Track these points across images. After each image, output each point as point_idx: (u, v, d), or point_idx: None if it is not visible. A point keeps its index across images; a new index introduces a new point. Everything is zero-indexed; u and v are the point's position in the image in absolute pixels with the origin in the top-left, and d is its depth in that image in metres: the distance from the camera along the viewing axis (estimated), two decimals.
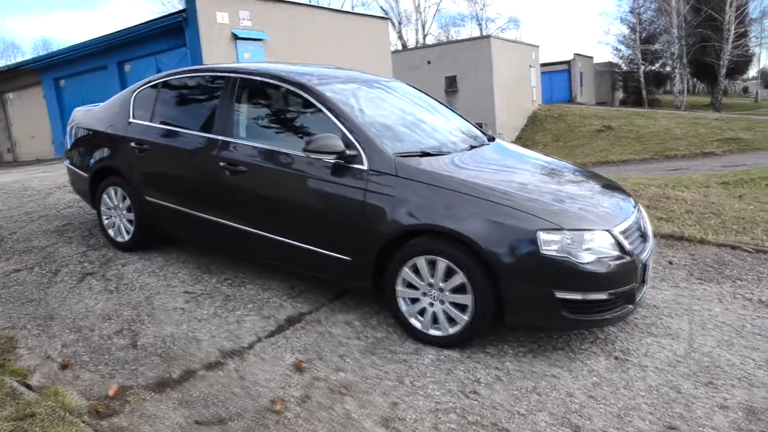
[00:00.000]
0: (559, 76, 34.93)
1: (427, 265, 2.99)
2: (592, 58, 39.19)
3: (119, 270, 4.12)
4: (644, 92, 35.37)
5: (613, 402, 2.62)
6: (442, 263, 2.94)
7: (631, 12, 38.49)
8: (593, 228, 2.86)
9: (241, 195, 3.56)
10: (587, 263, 2.78)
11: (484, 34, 38.49)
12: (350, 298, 3.64)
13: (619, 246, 2.88)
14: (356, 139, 3.18)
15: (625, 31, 39.97)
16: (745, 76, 47.97)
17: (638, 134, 20.61)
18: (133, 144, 4.15)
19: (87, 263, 4.27)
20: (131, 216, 4.33)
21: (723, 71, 30.58)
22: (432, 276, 2.99)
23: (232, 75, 3.77)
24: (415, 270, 3.03)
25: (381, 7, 46.64)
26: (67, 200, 6.23)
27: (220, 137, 3.66)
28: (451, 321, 3.01)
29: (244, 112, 3.73)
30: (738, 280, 4.05)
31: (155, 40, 11.86)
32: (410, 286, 3.08)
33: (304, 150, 3.18)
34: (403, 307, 3.13)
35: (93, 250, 4.57)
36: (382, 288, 3.19)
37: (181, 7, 11.27)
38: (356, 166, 3.15)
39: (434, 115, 4.08)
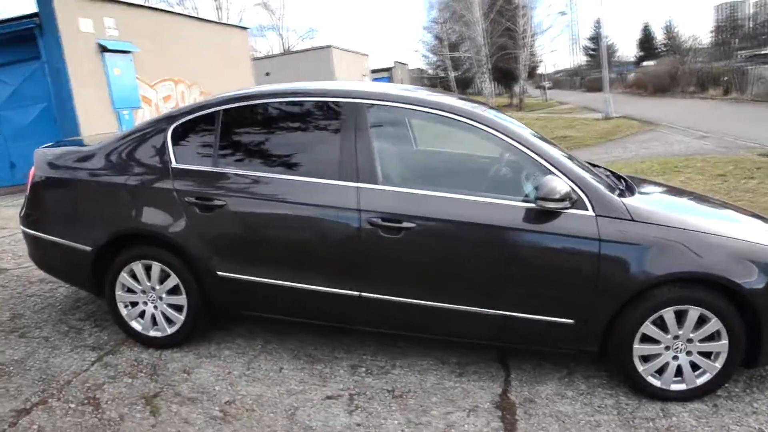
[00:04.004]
0: (382, 83, 36.32)
1: (675, 316, 2.63)
2: (407, 64, 41.60)
3: (191, 380, 2.94)
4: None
5: None
6: (695, 312, 2.60)
7: (435, 22, 41.73)
8: None
9: (407, 260, 2.75)
10: None
11: (288, 47, 38.12)
12: (520, 361, 3.09)
13: None
14: (573, 180, 2.66)
15: (432, 40, 43.26)
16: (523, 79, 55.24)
17: None
18: (190, 199, 2.97)
19: (127, 378, 2.97)
20: (179, 300, 3.13)
21: (524, 75, 34.76)
22: (679, 327, 2.64)
23: (356, 101, 2.89)
24: (659, 323, 2.64)
25: None
26: None
27: (360, 185, 2.78)
28: (698, 371, 2.70)
29: (383, 150, 2.89)
30: None
31: None
32: (650, 341, 2.68)
33: (538, 198, 2.55)
34: (640, 366, 2.71)
35: (109, 354, 3.22)
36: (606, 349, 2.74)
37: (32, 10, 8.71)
38: (580, 212, 2.63)
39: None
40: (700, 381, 2.69)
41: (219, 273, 2.99)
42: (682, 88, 28.36)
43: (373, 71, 33.94)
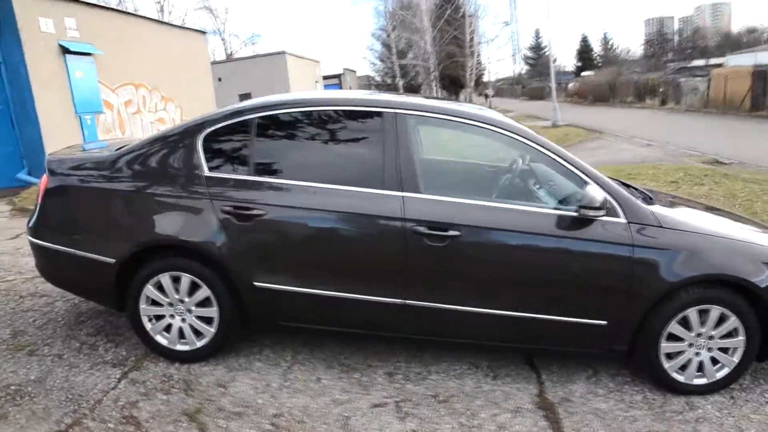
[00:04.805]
0: (332, 89, 36.36)
1: (698, 315, 2.83)
2: (355, 71, 41.77)
3: (230, 394, 2.88)
4: None
5: None
6: (716, 311, 2.82)
7: (383, 30, 42.08)
8: None
9: (452, 267, 2.82)
10: None
11: (231, 53, 37.36)
12: (547, 362, 3.22)
13: None
14: (606, 190, 2.82)
15: (380, 47, 43.62)
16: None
17: None
18: (226, 208, 2.93)
19: (161, 394, 2.87)
20: (209, 312, 3.07)
21: (472, 83, 35.63)
22: (702, 325, 2.85)
23: (398, 111, 2.95)
24: (684, 322, 2.84)
25: None
26: None
27: (404, 194, 2.83)
28: (717, 366, 2.91)
29: (422, 160, 2.96)
30: None
31: None
32: (675, 339, 2.87)
33: (581, 207, 2.70)
34: (666, 363, 2.90)
35: (133, 370, 3.11)
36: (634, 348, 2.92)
37: None
38: (614, 219, 2.80)
39: None
40: (720, 375, 2.91)
41: (256, 284, 2.96)
42: (621, 98, 29.96)
43: (324, 78, 33.88)
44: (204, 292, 3.04)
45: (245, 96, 23.76)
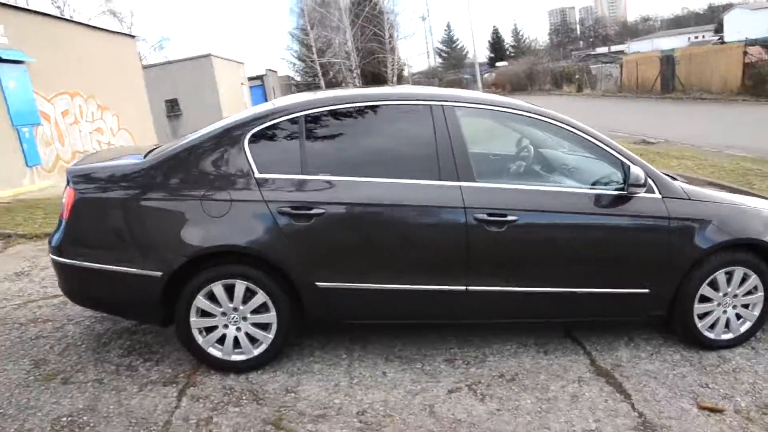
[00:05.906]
0: (256, 90, 35.50)
1: (725, 276, 3.14)
2: (276, 72, 41.01)
3: (305, 399, 2.85)
4: None
5: None
6: (740, 271, 3.14)
7: (301, 29, 41.56)
8: None
9: (511, 251, 2.95)
10: None
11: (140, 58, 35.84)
12: (585, 334, 3.43)
13: None
14: (643, 169, 3.05)
15: (299, 46, 43.04)
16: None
17: None
18: (284, 209, 2.88)
19: (232, 407, 2.79)
20: (266, 318, 3.01)
21: (394, 78, 36.05)
22: (728, 286, 3.15)
23: (436, 103, 3.02)
24: (713, 284, 3.14)
25: None
26: None
27: (462, 183, 2.92)
28: (740, 321, 3.23)
29: (471, 148, 3.06)
30: None
31: None
32: (705, 300, 3.17)
33: (629, 186, 2.92)
34: (698, 323, 3.19)
35: (189, 386, 2.99)
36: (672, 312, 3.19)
37: None
38: (651, 195, 3.04)
39: None
40: (743, 329, 3.24)
41: (319, 284, 2.94)
42: (539, 86, 31.50)
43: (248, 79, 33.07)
44: (260, 297, 2.98)
45: (172, 102, 22.79)
